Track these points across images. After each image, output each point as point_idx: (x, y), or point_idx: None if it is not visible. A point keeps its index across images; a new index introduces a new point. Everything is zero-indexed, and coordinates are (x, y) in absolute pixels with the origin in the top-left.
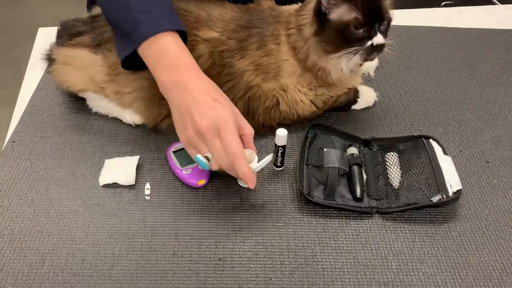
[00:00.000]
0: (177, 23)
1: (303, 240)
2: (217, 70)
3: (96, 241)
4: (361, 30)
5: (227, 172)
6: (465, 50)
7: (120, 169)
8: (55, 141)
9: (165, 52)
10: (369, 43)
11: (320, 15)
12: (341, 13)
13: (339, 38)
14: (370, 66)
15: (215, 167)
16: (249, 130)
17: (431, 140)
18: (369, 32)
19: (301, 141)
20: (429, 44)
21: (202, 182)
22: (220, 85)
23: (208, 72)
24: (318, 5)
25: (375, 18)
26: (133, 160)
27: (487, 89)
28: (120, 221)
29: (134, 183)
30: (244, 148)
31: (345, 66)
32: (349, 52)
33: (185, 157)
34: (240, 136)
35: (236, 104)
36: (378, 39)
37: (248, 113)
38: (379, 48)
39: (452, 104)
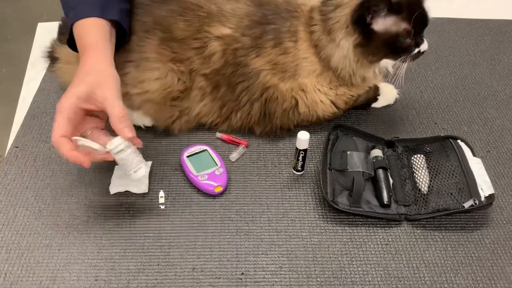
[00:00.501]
0: (106, 11)
1: (329, 250)
2: (231, 70)
3: (109, 255)
4: (408, 39)
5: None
6: (484, 42)
7: None
8: None
9: (79, 39)
10: (416, 50)
11: (361, 25)
12: (388, 24)
13: (385, 48)
14: (389, 62)
15: None
16: (112, 116)
17: (459, 141)
18: (417, 40)
19: (320, 143)
20: (447, 36)
21: (219, 189)
22: (234, 85)
23: (220, 71)
24: (359, 15)
25: (422, 26)
26: (145, 166)
27: (510, 84)
28: (134, 233)
29: (147, 191)
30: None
31: (380, 71)
32: (399, 61)
33: (200, 162)
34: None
35: (252, 106)
36: (425, 45)
37: (265, 116)
38: (423, 52)
39: (476, 101)
